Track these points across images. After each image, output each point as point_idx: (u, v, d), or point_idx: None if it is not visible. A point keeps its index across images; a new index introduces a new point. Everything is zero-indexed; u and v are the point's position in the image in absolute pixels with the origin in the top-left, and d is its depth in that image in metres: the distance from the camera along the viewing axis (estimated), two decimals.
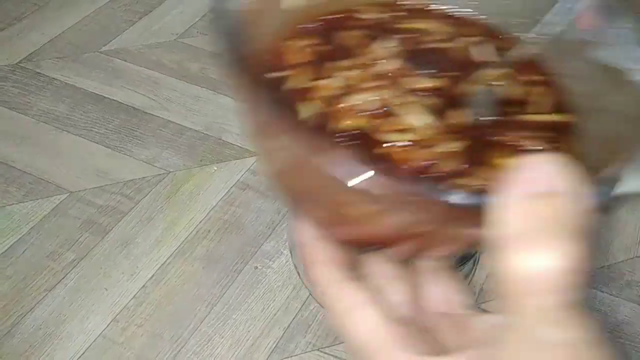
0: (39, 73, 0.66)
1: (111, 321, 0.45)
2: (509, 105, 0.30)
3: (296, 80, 0.30)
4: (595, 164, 0.24)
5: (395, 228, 0.24)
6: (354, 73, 0.30)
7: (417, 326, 0.27)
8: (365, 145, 0.27)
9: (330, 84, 0.29)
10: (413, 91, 0.29)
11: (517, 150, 0.28)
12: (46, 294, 0.47)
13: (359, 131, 0.27)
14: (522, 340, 0.19)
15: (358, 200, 0.22)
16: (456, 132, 0.27)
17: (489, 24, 0.34)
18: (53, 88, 0.65)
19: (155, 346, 0.44)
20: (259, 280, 0.48)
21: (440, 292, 0.28)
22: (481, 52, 0.32)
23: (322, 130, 0.27)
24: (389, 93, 0.29)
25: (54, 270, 0.48)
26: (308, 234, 0.29)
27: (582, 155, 0.28)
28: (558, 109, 0.30)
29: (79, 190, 0.54)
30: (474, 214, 0.19)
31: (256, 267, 0.49)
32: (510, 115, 0.29)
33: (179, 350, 0.44)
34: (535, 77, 0.32)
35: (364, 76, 0.30)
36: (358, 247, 0.29)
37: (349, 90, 0.29)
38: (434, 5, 0.34)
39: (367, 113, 0.28)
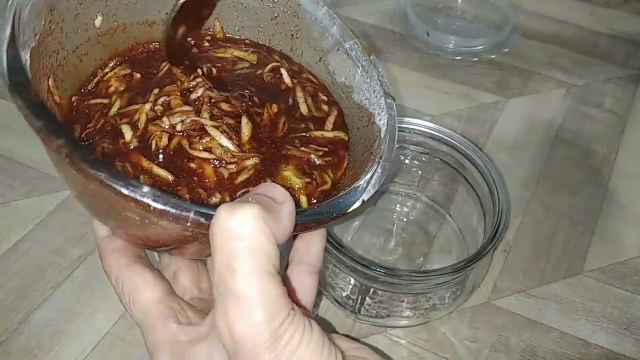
0: None
1: (119, 319, 0.45)
2: (306, 121, 0.35)
3: (115, 105, 0.33)
4: (354, 177, 0.31)
5: (159, 236, 0.27)
6: (171, 98, 0.33)
7: (205, 304, 0.32)
8: (181, 160, 0.30)
9: (144, 108, 0.32)
10: (220, 114, 0.32)
11: (302, 161, 0.32)
12: (53, 291, 0.46)
13: (176, 147, 0.31)
14: (217, 289, 0.23)
15: (129, 210, 0.25)
16: (255, 148, 0.32)
17: (286, 53, 0.39)
18: None
19: None
20: None
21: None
22: (274, 76, 0.37)
23: (144, 148, 0.30)
24: (200, 115, 0.32)
25: (61, 267, 0.48)
26: (102, 231, 0.33)
27: (348, 168, 0.33)
28: (342, 127, 0.35)
29: None
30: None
31: None
32: (306, 131, 0.34)
33: None
34: (330, 98, 0.37)
35: (179, 101, 0.33)
36: (143, 247, 0.33)
37: (166, 113, 0.32)
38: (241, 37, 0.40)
39: (181, 133, 0.31)
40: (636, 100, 0.66)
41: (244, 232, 0.22)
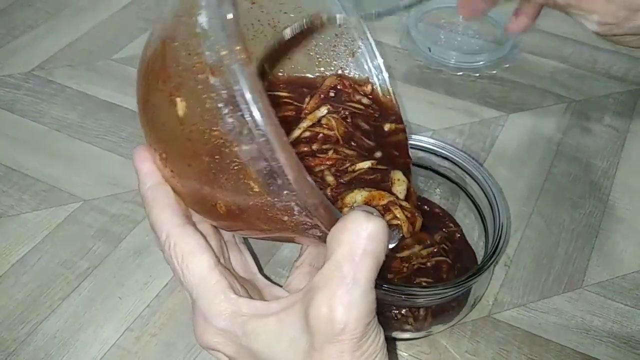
0: (52, 81, 0.67)
1: (125, 330, 0.45)
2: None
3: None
4: None
5: (253, 209, 0.28)
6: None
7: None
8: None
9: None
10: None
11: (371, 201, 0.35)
12: (61, 303, 0.47)
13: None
14: (325, 274, 0.26)
15: (254, 174, 0.26)
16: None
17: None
18: (65, 96, 0.65)
19: (169, 355, 0.44)
20: None
21: (238, 260, 0.35)
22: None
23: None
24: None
25: (68, 279, 0.48)
26: (153, 179, 0.32)
27: None
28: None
29: (93, 199, 0.54)
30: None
31: (270, 276, 0.49)
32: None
33: None
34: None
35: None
36: (205, 209, 0.31)
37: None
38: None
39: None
40: (636, 115, 0.66)
41: (374, 237, 0.26)
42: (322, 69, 0.43)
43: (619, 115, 0.66)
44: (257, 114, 0.24)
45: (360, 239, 0.26)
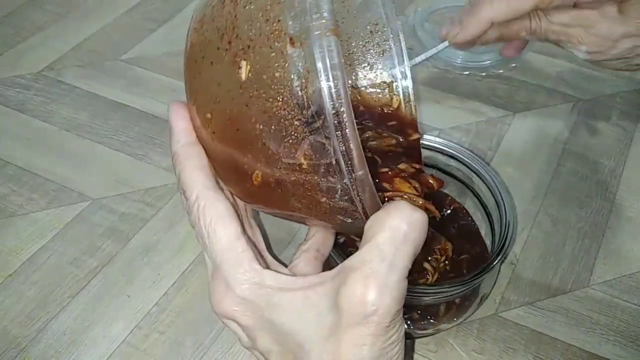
0: (61, 81, 0.67)
1: (134, 328, 0.46)
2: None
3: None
4: None
5: (295, 184, 0.27)
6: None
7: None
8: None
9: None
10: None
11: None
12: (70, 300, 0.47)
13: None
14: (363, 256, 0.27)
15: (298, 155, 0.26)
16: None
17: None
18: (74, 96, 0.66)
19: (178, 353, 0.45)
20: None
21: (249, 234, 0.34)
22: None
23: None
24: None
25: (78, 277, 0.49)
26: (187, 138, 0.31)
27: None
28: None
29: (101, 198, 0.55)
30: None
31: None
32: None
33: (201, 358, 0.44)
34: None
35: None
36: (231, 178, 0.31)
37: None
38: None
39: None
40: None
41: (416, 226, 0.27)
42: (349, 61, 0.42)
43: (626, 114, 0.66)
44: (334, 91, 0.23)
45: (403, 225, 0.27)
